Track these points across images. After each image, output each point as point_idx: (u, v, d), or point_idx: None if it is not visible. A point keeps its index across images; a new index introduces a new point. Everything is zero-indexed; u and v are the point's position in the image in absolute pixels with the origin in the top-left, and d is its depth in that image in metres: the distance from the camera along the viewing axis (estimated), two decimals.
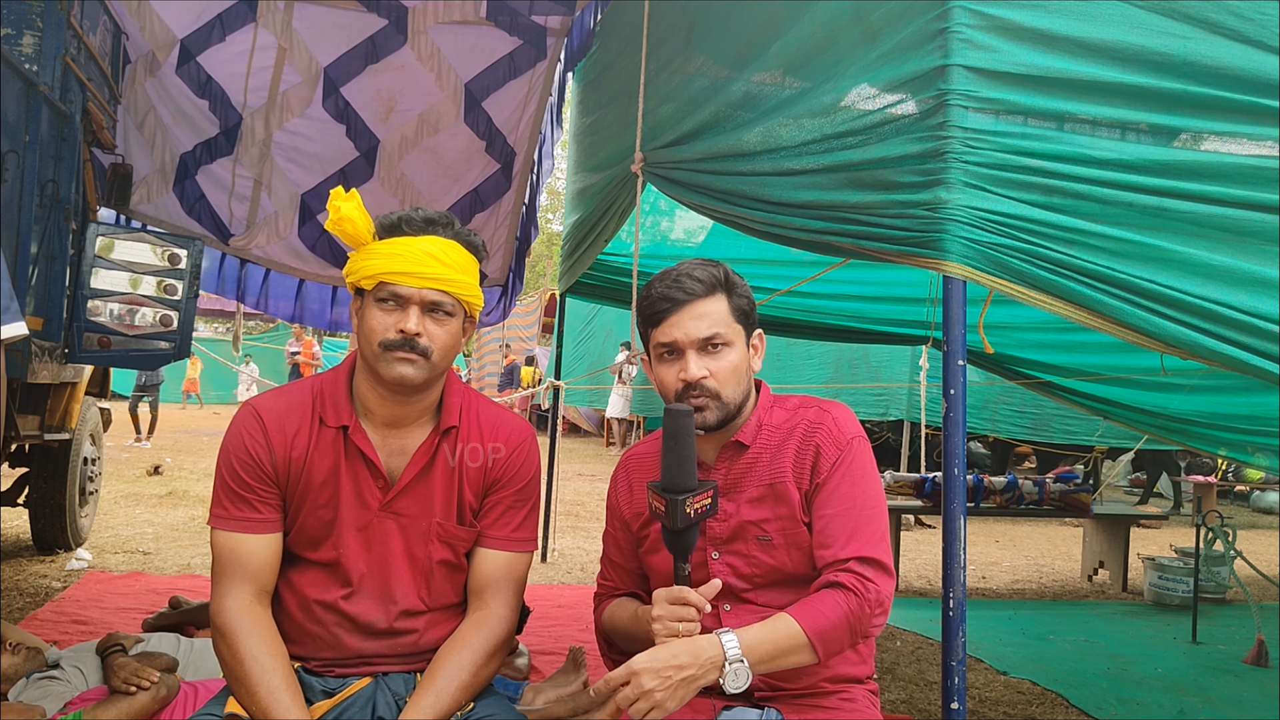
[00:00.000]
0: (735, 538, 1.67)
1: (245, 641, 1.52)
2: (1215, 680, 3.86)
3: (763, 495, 1.66)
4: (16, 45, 3.41)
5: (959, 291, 1.96)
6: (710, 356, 1.64)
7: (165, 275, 4.00)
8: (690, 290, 1.64)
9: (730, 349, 1.65)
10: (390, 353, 1.56)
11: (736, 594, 1.67)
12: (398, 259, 1.57)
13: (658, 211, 5.02)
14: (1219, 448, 4.86)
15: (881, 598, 1.54)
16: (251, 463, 1.60)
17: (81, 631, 3.41)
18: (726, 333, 1.64)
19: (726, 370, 1.63)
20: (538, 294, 16.92)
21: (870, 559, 1.56)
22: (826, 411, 1.69)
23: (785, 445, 1.67)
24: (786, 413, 1.72)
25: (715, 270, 1.68)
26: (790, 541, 1.64)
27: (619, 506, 1.82)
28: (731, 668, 1.44)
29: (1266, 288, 1.78)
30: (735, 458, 1.70)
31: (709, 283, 1.65)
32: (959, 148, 1.86)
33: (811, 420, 1.68)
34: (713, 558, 1.68)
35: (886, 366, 9.25)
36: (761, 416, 1.71)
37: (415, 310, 1.57)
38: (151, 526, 5.91)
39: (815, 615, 1.50)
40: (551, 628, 3.85)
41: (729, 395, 1.64)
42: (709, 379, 1.62)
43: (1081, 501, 5.42)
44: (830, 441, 1.64)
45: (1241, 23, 1.83)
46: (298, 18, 4.82)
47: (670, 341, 1.65)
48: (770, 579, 1.65)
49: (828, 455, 1.63)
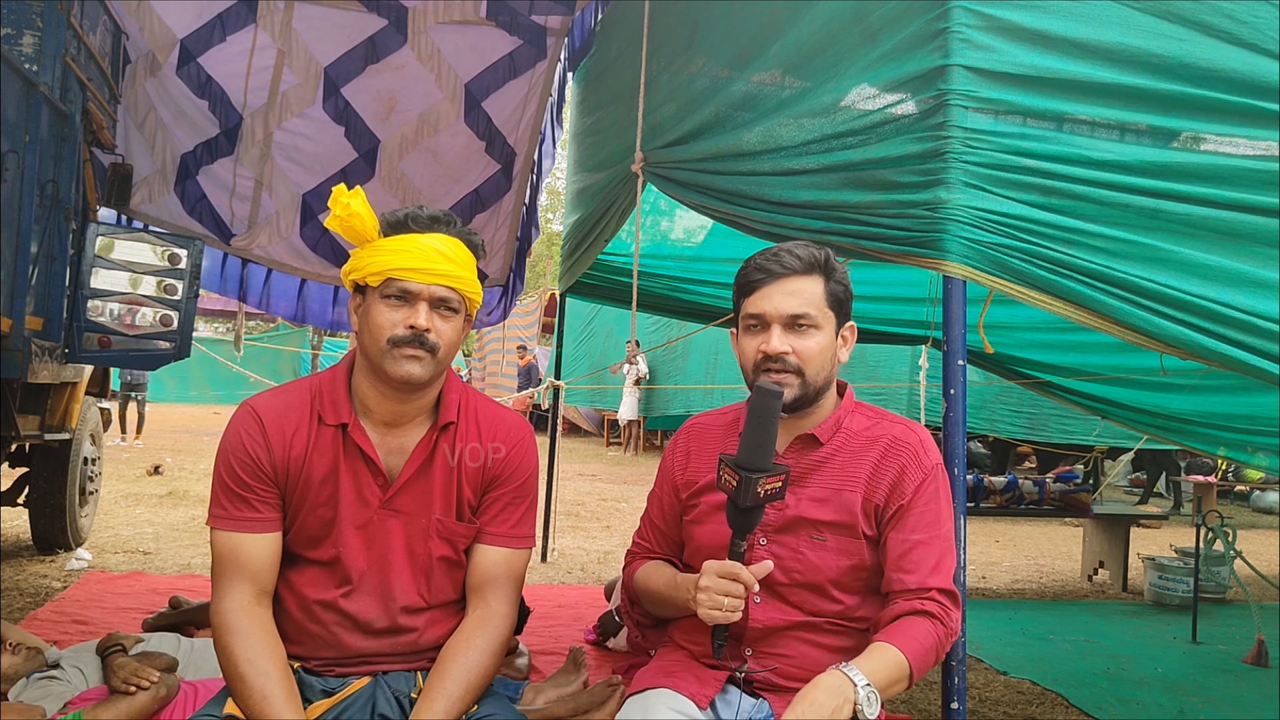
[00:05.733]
0: (787, 530, 1.66)
1: (243, 643, 1.52)
2: (1215, 680, 3.86)
3: (827, 497, 1.65)
4: (16, 45, 3.41)
5: (959, 291, 1.97)
6: (796, 334, 1.63)
7: (165, 275, 4.01)
8: (788, 265, 1.64)
9: (818, 331, 1.63)
10: (398, 349, 1.57)
11: (773, 586, 1.66)
12: (406, 255, 1.57)
13: (658, 211, 5.02)
14: (1218, 448, 4.86)
15: (958, 629, 1.60)
16: (250, 462, 1.60)
17: (81, 631, 3.41)
18: (816, 315, 1.63)
19: (812, 350, 1.62)
20: (538, 294, 16.91)
21: (951, 592, 1.60)
22: (913, 431, 1.69)
23: (864, 454, 1.66)
24: (868, 420, 1.71)
25: (817, 252, 1.66)
26: (841, 549, 1.63)
27: (673, 471, 1.81)
28: (863, 693, 1.43)
29: (1264, 288, 1.78)
30: (806, 451, 1.68)
31: (807, 261, 1.65)
32: (959, 148, 1.87)
33: (897, 436, 1.67)
34: (760, 543, 1.67)
35: (885, 366, 9.25)
36: (841, 418, 1.70)
37: (424, 306, 1.58)
38: (151, 526, 5.91)
39: (914, 643, 1.52)
40: (551, 628, 3.85)
41: (812, 375, 1.62)
42: (791, 355, 1.61)
43: (1081, 501, 5.42)
44: (916, 464, 1.64)
45: (1235, 25, 1.83)
46: (298, 18, 4.82)
47: (759, 313, 1.64)
48: (809, 579, 1.65)
49: (912, 477, 1.63)
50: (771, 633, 1.66)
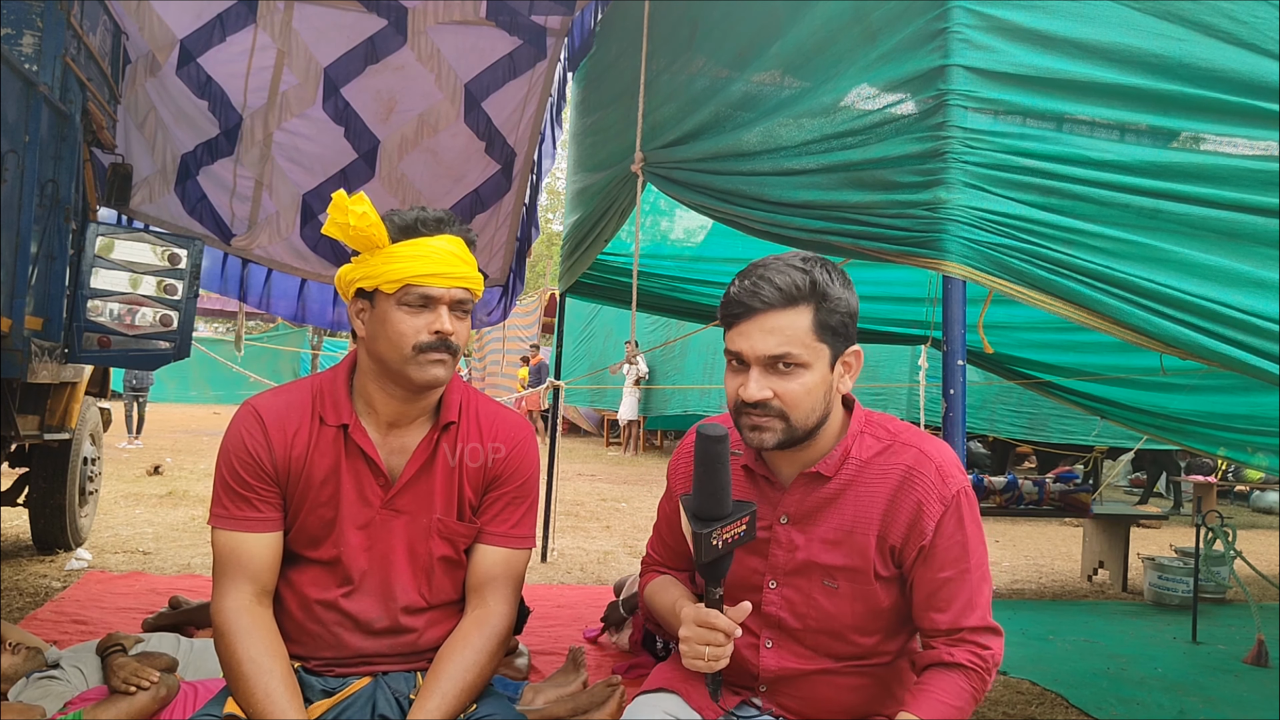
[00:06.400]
0: (799, 574, 1.54)
1: (244, 642, 1.52)
2: (1215, 680, 3.86)
3: (839, 540, 1.51)
4: (16, 45, 3.41)
5: (958, 291, 1.97)
6: (778, 376, 1.44)
7: (165, 275, 4.01)
8: (766, 299, 1.43)
9: (805, 371, 1.44)
10: (424, 355, 1.57)
11: (786, 630, 1.56)
12: (424, 260, 1.56)
13: (658, 211, 5.02)
14: (1218, 448, 4.86)
15: (999, 660, 1.50)
16: (251, 462, 1.60)
17: (81, 631, 3.41)
18: (801, 353, 1.43)
19: (797, 394, 1.44)
20: (538, 294, 16.93)
21: (989, 628, 1.50)
22: (928, 457, 1.50)
23: (876, 489, 1.50)
24: (879, 444, 1.54)
25: (803, 276, 1.44)
26: (856, 594, 1.52)
27: (675, 485, 1.69)
28: None
29: (1264, 288, 1.78)
30: (813, 487, 1.53)
31: (788, 292, 1.43)
32: (958, 148, 1.86)
33: (909, 465, 1.50)
34: (769, 586, 1.56)
35: (885, 366, 9.26)
36: (850, 445, 1.53)
37: (444, 310, 1.58)
38: (151, 526, 5.91)
39: (942, 709, 1.42)
40: (551, 628, 3.85)
41: (798, 420, 1.45)
42: (773, 400, 1.44)
43: (1081, 501, 5.42)
44: (934, 496, 1.47)
45: (1235, 25, 1.83)
46: (297, 18, 4.82)
47: (736, 351, 1.47)
48: (825, 625, 1.54)
49: (931, 513, 1.47)
50: (789, 678, 1.58)
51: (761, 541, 1.54)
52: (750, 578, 1.57)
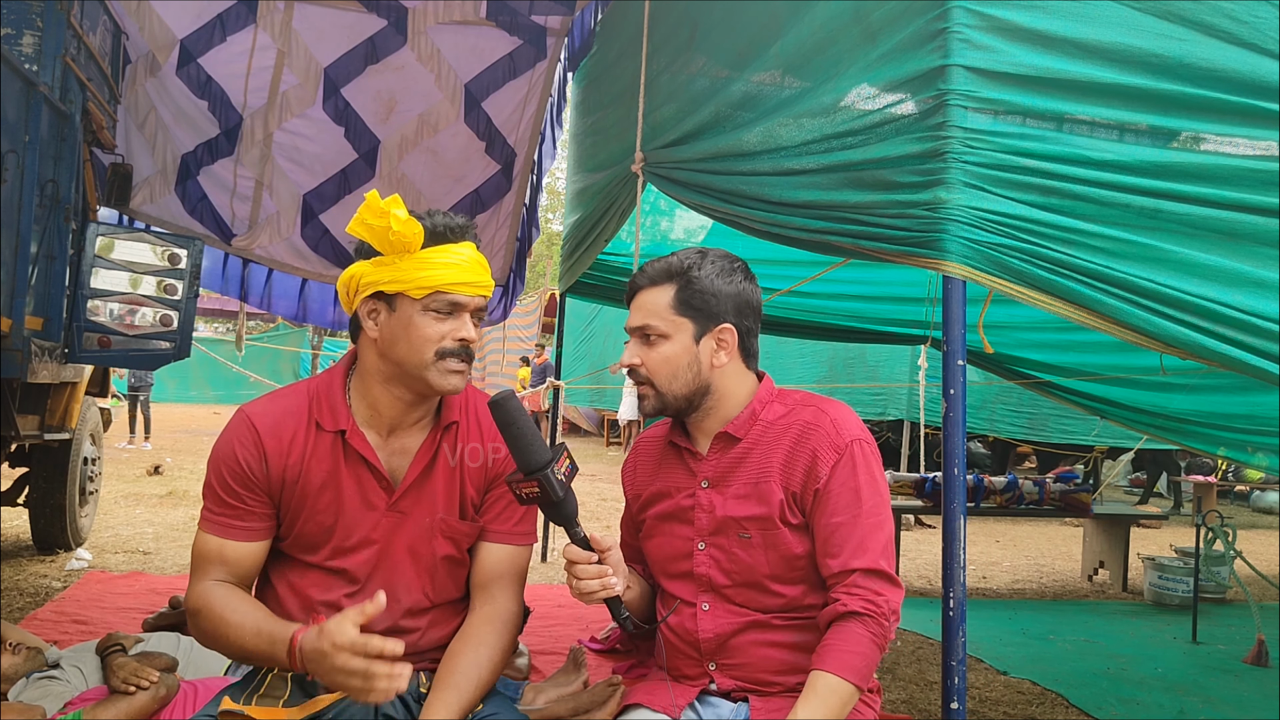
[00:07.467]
0: (719, 531, 1.65)
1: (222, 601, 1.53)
2: (1215, 680, 3.86)
3: (747, 493, 1.63)
4: (16, 45, 3.41)
5: (958, 291, 1.97)
6: (646, 347, 1.66)
7: (165, 275, 4.01)
8: (639, 281, 1.70)
9: (666, 341, 1.65)
10: (443, 361, 1.57)
11: (718, 589, 1.66)
12: (456, 269, 1.56)
13: (658, 211, 5.03)
14: (1218, 448, 4.86)
15: (894, 607, 1.55)
16: (242, 472, 1.59)
17: (81, 631, 3.41)
18: (660, 325, 1.64)
19: (656, 361, 1.65)
20: (538, 294, 16.93)
21: (878, 571, 1.55)
22: (824, 412, 1.64)
23: (777, 444, 1.64)
24: (785, 409, 1.68)
25: (677, 261, 1.67)
26: (767, 542, 1.62)
27: (624, 486, 1.84)
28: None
29: (1264, 288, 1.78)
30: (726, 449, 1.67)
31: (658, 273, 1.67)
32: (958, 148, 1.87)
33: (807, 421, 1.63)
34: (699, 549, 1.67)
35: (885, 366, 9.25)
36: (757, 409, 1.68)
37: (468, 317, 1.60)
38: (151, 526, 5.92)
39: (849, 658, 1.48)
40: (551, 628, 3.85)
41: (663, 385, 1.65)
42: (641, 367, 1.66)
43: (1081, 501, 5.42)
44: (827, 445, 1.60)
45: (1235, 25, 1.83)
46: (298, 18, 4.82)
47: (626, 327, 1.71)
48: (746, 578, 1.64)
49: (825, 459, 1.59)
50: (726, 640, 1.65)
51: (688, 509, 1.68)
52: (682, 545, 1.69)
